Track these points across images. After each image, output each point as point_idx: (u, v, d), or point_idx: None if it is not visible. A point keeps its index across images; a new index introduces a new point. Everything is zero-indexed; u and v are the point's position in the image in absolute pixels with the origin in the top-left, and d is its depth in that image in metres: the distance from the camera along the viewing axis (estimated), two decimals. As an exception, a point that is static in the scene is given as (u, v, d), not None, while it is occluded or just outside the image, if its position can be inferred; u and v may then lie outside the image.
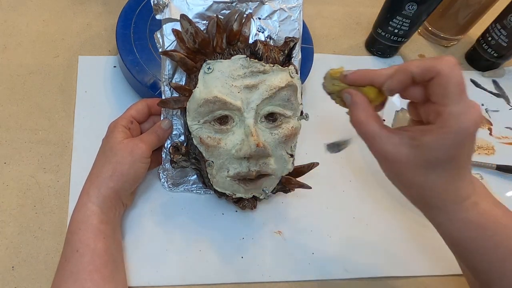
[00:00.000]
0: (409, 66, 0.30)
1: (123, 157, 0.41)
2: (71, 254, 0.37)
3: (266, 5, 0.44)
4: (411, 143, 0.31)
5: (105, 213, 0.40)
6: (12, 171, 0.48)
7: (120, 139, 0.42)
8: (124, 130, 0.43)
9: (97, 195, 0.40)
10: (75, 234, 0.38)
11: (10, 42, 0.59)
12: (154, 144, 0.43)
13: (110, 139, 0.42)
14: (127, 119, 0.43)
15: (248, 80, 0.40)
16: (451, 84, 0.29)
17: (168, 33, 0.42)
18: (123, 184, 0.41)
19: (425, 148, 0.30)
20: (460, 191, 0.33)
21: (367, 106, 0.33)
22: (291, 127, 0.43)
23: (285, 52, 0.43)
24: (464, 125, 0.29)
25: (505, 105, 0.63)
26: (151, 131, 0.44)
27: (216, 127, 0.41)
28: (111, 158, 0.41)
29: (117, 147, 0.41)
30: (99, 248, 0.38)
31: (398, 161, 0.32)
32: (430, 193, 0.33)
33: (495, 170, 0.55)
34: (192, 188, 0.49)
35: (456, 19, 0.66)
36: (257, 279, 0.45)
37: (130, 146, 0.41)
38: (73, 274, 0.36)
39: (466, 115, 0.29)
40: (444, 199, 0.33)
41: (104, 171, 0.41)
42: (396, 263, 0.47)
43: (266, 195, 0.44)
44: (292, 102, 0.42)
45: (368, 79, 0.33)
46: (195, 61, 0.41)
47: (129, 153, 0.41)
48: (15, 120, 0.52)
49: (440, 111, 0.30)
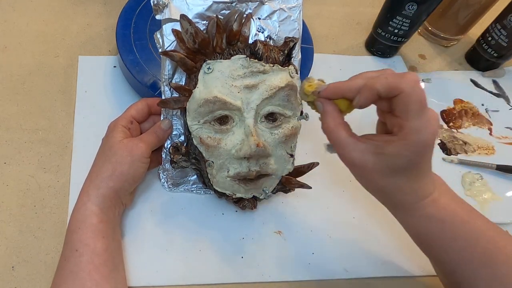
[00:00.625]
0: (374, 85, 0.32)
1: (122, 157, 0.41)
2: (70, 254, 0.37)
3: (266, 5, 0.44)
4: (375, 151, 0.34)
5: (104, 212, 0.40)
6: (12, 171, 0.48)
7: (120, 139, 0.42)
8: (124, 130, 0.43)
9: (97, 194, 0.40)
10: (74, 233, 0.38)
11: (10, 42, 0.59)
12: (154, 144, 0.43)
13: (109, 139, 0.42)
14: (127, 119, 0.44)
15: (248, 80, 0.40)
16: (412, 102, 0.31)
17: (168, 33, 0.42)
18: (122, 183, 0.41)
19: (388, 156, 0.33)
20: (420, 191, 0.35)
21: (336, 115, 0.36)
22: (291, 127, 0.43)
23: (285, 52, 0.43)
24: (423, 138, 0.32)
25: (505, 105, 0.63)
26: (151, 131, 0.44)
27: (216, 127, 0.41)
28: (111, 157, 0.41)
29: (116, 147, 0.41)
30: (99, 247, 0.38)
31: (364, 167, 0.35)
32: (394, 195, 0.36)
33: (495, 170, 0.55)
34: (192, 188, 0.49)
35: (456, 19, 0.66)
36: (257, 279, 0.45)
37: (130, 146, 0.41)
38: (72, 274, 0.36)
39: (426, 129, 0.32)
40: (406, 200, 0.36)
41: (103, 170, 0.41)
42: (395, 263, 0.47)
43: (266, 195, 0.44)
44: (292, 102, 0.42)
45: (339, 94, 0.35)
46: (195, 61, 0.41)
47: (128, 152, 0.41)
48: (15, 120, 0.52)
49: (403, 125, 0.32)
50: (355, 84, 0.34)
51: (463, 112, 0.62)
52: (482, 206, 0.52)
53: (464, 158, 0.56)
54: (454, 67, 0.68)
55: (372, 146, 0.34)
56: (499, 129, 0.61)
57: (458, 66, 0.68)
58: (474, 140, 0.59)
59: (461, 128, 0.60)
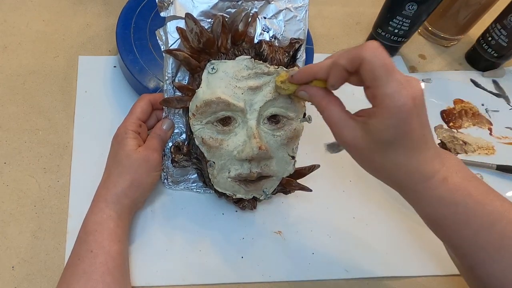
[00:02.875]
0: (338, 60, 0.31)
1: (140, 167, 0.41)
2: (85, 254, 0.38)
3: (272, 4, 0.44)
4: (363, 127, 0.32)
5: (121, 219, 0.41)
6: (12, 171, 0.48)
7: (135, 147, 0.42)
8: (136, 136, 0.43)
9: (115, 202, 0.40)
10: (91, 235, 0.38)
11: (10, 42, 0.59)
12: (162, 148, 0.44)
13: (124, 147, 0.42)
14: (136, 123, 0.43)
15: (252, 81, 0.40)
16: (377, 67, 0.30)
17: (172, 31, 0.41)
18: (141, 193, 0.42)
19: (373, 130, 0.31)
20: (424, 166, 0.32)
21: (323, 93, 0.34)
22: (294, 129, 0.42)
23: (290, 54, 0.43)
24: (399, 102, 0.29)
25: (505, 105, 0.63)
26: (154, 136, 0.44)
27: (219, 128, 0.41)
28: (129, 168, 0.41)
29: (134, 157, 0.41)
30: (114, 251, 0.38)
31: (356, 145, 0.33)
32: (395, 173, 0.33)
33: (495, 170, 0.55)
34: (192, 187, 0.49)
35: (456, 19, 0.66)
36: (257, 279, 0.45)
37: (146, 156, 0.41)
38: (85, 274, 0.36)
39: (400, 92, 0.29)
40: (409, 179, 0.33)
41: (121, 181, 0.41)
42: (395, 263, 0.47)
43: (266, 196, 0.44)
44: (295, 104, 0.42)
45: (311, 75, 0.34)
46: (199, 61, 0.41)
47: (145, 163, 0.41)
48: (15, 120, 0.52)
49: (375, 94, 0.31)
50: (325, 63, 0.33)
51: (463, 112, 0.61)
52: (482, 206, 0.52)
53: (464, 158, 0.56)
54: (454, 67, 0.68)
55: (360, 122, 0.33)
56: (499, 129, 0.60)
57: (458, 66, 0.68)
58: (474, 140, 0.59)
59: (461, 128, 0.60)
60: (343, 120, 0.33)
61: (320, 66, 0.34)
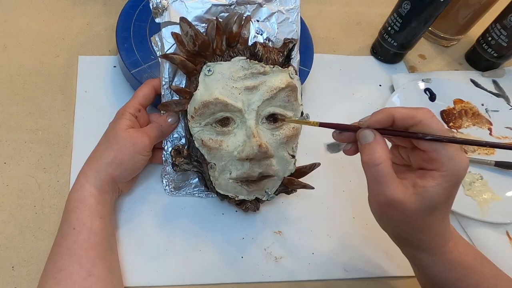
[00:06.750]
0: (391, 111, 0.32)
1: (125, 147, 0.41)
2: (68, 231, 0.38)
3: (264, 7, 0.44)
4: (415, 191, 0.32)
5: (102, 195, 0.41)
6: (12, 171, 0.48)
7: (126, 127, 0.42)
8: (131, 118, 0.43)
9: (95, 177, 0.40)
10: (72, 213, 0.39)
11: (10, 42, 0.59)
12: (157, 138, 0.44)
13: (116, 125, 0.42)
14: (135, 106, 0.44)
15: (248, 81, 0.40)
16: (434, 131, 0.31)
17: (167, 36, 0.42)
18: (121, 172, 0.42)
19: (429, 193, 0.31)
20: (446, 231, 0.34)
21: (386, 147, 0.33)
22: (292, 128, 0.43)
23: (284, 53, 0.43)
24: (460, 166, 0.31)
25: (505, 105, 0.63)
26: (156, 125, 0.44)
27: (218, 129, 0.41)
28: (114, 145, 0.41)
29: (121, 135, 0.41)
30: (95, 227, 0.38)
31: (405, 208, 0.32)
32: (425, 236, 0.34)
33: (494, 166, 0.55)
34: (194, 192, 0.49)
35: (456, 19, 0.66)
36: (257, 279, 0.45)
37: (134, 137, 0.42)
38: (69, 250, 0.37)
39: (459, 157, 0.31)
40: (435, 240, 0.34)
41: (104, 156, 0.41)
42: (396, 263, 0.47)
43: (268, 197, 0.44)
44: (292, 103, 0.42)
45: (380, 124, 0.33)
46: (195, 64, 0.41)
47: (131, 144, 0.41)
48: (15, 120, 0.52)
49: (433, 156, 0.31)
50: None
51: (463, 112, 0.62)
52: (482, 206, 0.52)
53: (464, 158, 0.56)
54: (454, 67, 0.68)
55: (409, 185, 0.32)
56: (499, 129, 0.61)
57: (458, 66, 0.68)
58: (474, 140, 0.59)
59: (461, 128, 0.60)
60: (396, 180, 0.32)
61: None
